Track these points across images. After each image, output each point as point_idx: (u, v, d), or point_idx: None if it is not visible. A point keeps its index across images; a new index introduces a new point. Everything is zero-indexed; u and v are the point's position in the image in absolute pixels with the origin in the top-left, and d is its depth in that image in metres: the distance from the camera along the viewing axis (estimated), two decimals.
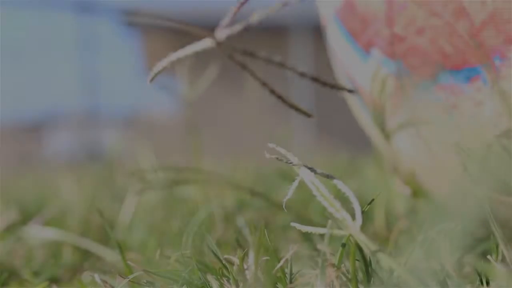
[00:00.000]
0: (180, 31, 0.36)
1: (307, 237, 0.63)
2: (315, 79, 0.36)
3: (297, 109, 0.37)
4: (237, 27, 0.34)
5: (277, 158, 0.39)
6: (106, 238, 0.72)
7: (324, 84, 0.36)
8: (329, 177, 0.38)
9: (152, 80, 0.35)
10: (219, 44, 0.34)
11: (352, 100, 0.62)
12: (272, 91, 0.36)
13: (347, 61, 0.59)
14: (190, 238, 0.58)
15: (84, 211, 0.81)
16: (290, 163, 0.39)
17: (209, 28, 0.36)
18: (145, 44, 6.03)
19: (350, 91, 0.38)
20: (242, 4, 0.35)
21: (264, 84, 0.35)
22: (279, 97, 0.36)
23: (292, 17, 5.67)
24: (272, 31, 5.89)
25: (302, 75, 0.35)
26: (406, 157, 0.58)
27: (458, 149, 0.51)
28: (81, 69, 6.26)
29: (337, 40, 0.60)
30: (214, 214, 0.71)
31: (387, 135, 0.57)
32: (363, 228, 0.67)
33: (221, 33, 0.34)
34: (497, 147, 0.49)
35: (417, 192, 0.60)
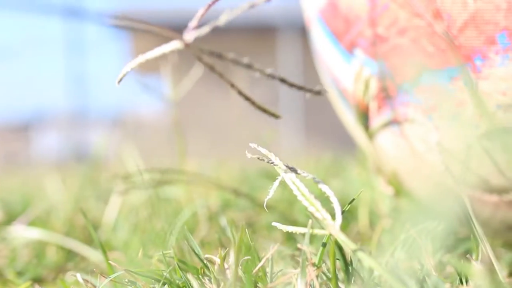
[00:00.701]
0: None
1: (290, 237, 0.63)
2: (282, 81, 0.36)
3: (264, 110, 0.37)
4: (205, 29, 0.34)
5: (258, 158, 0.39)
6: (91, 238, 0.72)
7: (292, 85, 0.37)
8: (310, 177, 0.39)
9: (120, 81, 0.36)
10: (187, 45, 0.34)
11: (336, 101, 0.63)
12: (240, 93, 0.36)
13: (331, 61, 0.59)
14: (173, 238, 0.58)
15: (69, 211, 0.81)
16: (272, 163, 0.39)
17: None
18: (133, 44, 6.02)
19: (317, 93, 0.38)
20: (210, 6, 0.35)
21: (232, 85, 0.36)
22: (247, 98, 0.36)
23: (280, 17, 5.67)
24: (260, 32, 5.89)
25: (270, 76, 0.35)
26: (389, 157, 0.58)
27: (440, 149, 0.51)
28: (68, 70, 6.24)
29: (320, 41, 0.60)
30: (198, 214, 0.71)
31: (370, 135, 0.58)
32: (347, 227, 0.67)
33: (190, 35, 0.34)
34: (478, 147, 0.49)
35: (400, 192, 0.60)
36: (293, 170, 0.39)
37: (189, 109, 5.44)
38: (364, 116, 0.57)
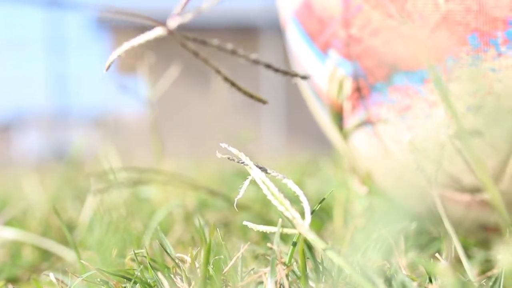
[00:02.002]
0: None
1: (265, 237, 0.63)
2: (268, 66, 0.36)
3: (251, 96, 0.37)
4: (188, 16, 0.34)
5: (229, 158, 0.39)
6: (67, 238, 0.71)
7: (276, 70, 0.37)
8: (280, 177, 0.39)
9: (107, 69, 0.36)
10: (170, 32, 0.34)
11: (311, 101, 0.63)
12: (226, 79, 0.36)
13: (306, 62, 0.59)
14: (147, 237, 0.58)
15: (46, 211, 0.81)
16: (242, 163, 0.39)
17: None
18: (115, 44, 6.00)
19: (303, 77, 0.38)
20: None
21: (218, 71, 0.36)
22: (233, 84, 0.36)
23: (262, 18, 5.67)
24: (243, 32, 5.89)
25: (255, 62, 0.35)
26: (363, 156, 0.58)
27: (412, 148, 0.52)
28: (49, 70, 6.22)
29: (295, 41, 0.61)
30: (174, 214, 0.72)
31: (344, 135, 0.58)
32: (322, 226, 0.68)
33: (173, 22, 0.34)
34: (450, 147, 0.49)
35: (374, 191, 0.60)
36: (263, 170, 0.39)
37: (169, 110, 5.43)
38: (338, 116, 0.57)
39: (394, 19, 0.48)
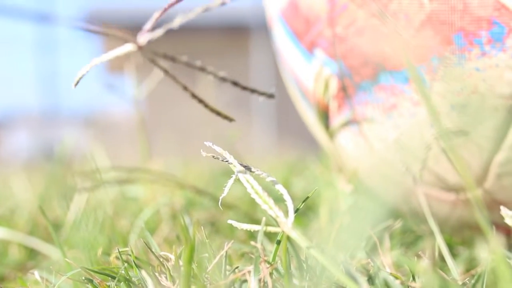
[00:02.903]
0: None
1: (252, 236, 0.63)
2: (234, 84, 0.36)
3: (218, 113, 0.38)
4: (159, 32, 0.34)
5: (213, 157, 0.39)
6: (57, 237, 0.71)
7: (244, 88, 0.37)
8: (264, 175, 0.39)
9: (76, 85, 0.36)
10: (140, 48, 0.34)
11: (298, 100, 0.63)
12: (194, 96, 0.36)
13: (292, 61, 0.59)
14: (134, 236, 0.59)
15: (33, 210, 0.81)
16: (227, 161, 0.39)
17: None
18: (105, 43, 5.99)
19: (269, 96, 0.38)
20: (166, 10, 0.35)
21: (185, 88, 0.36)
22: (201, 101, 0.37)
23: (253, 17, 5.67)
24: (233, 32, 5.89)
25: (223, 79, 0.36)
26: (349, 155, 0.58)
27: (398, 148, 0.52)
28: (39, 69, 6.20)
29: (282, 40, 0.61)
30: (161, 213, 0.72)
31: (330, 134, 0.58)
32: (308, 225, 0.68)
33: (143, 38, 0.35)
34: (435, 146, 0.50)
35: (360, 190, 0.60)
36: (247, 168, 0.39)
37: (159, 109, 5.42)
38: (324, 116, 0.57)
39: (379, 18, 0.48)
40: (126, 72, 0.83)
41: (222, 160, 0.39)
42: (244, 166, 0.39)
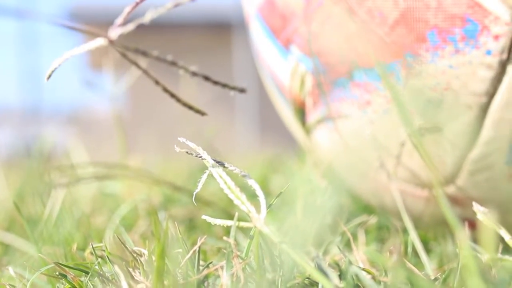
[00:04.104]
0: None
1: (229, 231, 0.64)
2: (206, 78, 0.36)
3: (190, 107, 0.38)
4: (130, 26, 0.35)
5: (187, 152, 0.39)
6: (32, 233, 0.71)
7: (215, 83, 0.37)
8: (237, 171, 0.39)
9: (48, 78, 0.36)
10: (111, 42, 0.35)
11: (274, 96, 0.63)
12: (166, 90, 0.36)
13: (269, 58, 0.60)
14: (110, 231, 0.59)
15: (11, 206, 0.80)
16: (200, 157, 0.39)
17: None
18: (88, 40, 5.96)
19: (241, 90, 0.38)
20: (137, 4, 0.35)
21: (157, 82, 0.36)
22: (172, 95, 0.37)
23: (236, 14, 5.67)
24: (216, 28, 5.89)
25: (194, 74, 0.36)
26: (325, 152, 0.59)
27: (372, 144, 0.52)
28: (21, 65, 6.17)
29: (259, 37, 0.61)
30: (138, 209, 0.72)
31: (307, 131, 0.58)
32: (284, 220, 0.68)
33: (114, 32, 0.35)
34: (409, 142, 0.50)
35: (336, 186, 0.61)
36: (221, 164, 0.39)
37: (142, 106, 5.41)
38: (300, 112, 0.58)
39: (354, 15, 0.49)
40: (105, 68, 0.83)
41: (196, 156, 0.39)
42: (218, 162, 0.39)
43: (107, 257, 0.41)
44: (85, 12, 5.64)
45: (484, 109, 0.46)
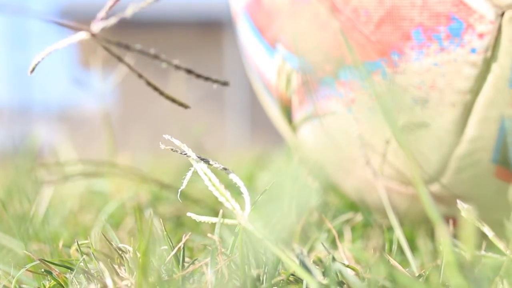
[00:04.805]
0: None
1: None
2: (189, 72, 0.37)
3: (173, 100, 0.38)
4: (112, 20, 0.35)
5: (172, 150, 0.40)
6: (19, 230, 0.71)
7: (198, 76, 0.37)
8: (221, 168, 0.39)
9: (32, 71, 0.36)
10: (93, 36, 0.35)
11: (261, 94, 0.63)
12: (149, 83, 0.37)
13: (256, 56, 0.60)
14: (97, 228, 0.59)
15: None
16: (185, 154, 0.40)
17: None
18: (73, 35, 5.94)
19: (223, 83, 0.39)
20: None
21: (140, 76, 0.36)
22: (156, 89, 0.37)
23: (227, 12, 5.68)
24: (207, 26, 5.89)
25: (177, 67, 0.36)
26: (312, 150, 0.59)
27: (358, 141, 0.52)
28: (11, 63, 6.16)
29: (246, 35, 0.61)
30: (127, 207, 0.72)
31: (293, 129, 0.59)
32: (269, 218, 0.68)
33: (96, 26, 0.35)
34: (394, 140, 0.50)
35: (323, 184, 0.61)
36: (205, 161, 0.39)
37: (133, 103, 5.41)
38: (287, 110, 0.58)
39: (339, 14, 0.49)
40: (93, 66, 0.83)
41: (181, 154, 0.40)
42: (202, 159, 0.39)
43: (93, 253, 0.41)
44: (76, 10, 5.63)
45: (469, 107, 0.47)
